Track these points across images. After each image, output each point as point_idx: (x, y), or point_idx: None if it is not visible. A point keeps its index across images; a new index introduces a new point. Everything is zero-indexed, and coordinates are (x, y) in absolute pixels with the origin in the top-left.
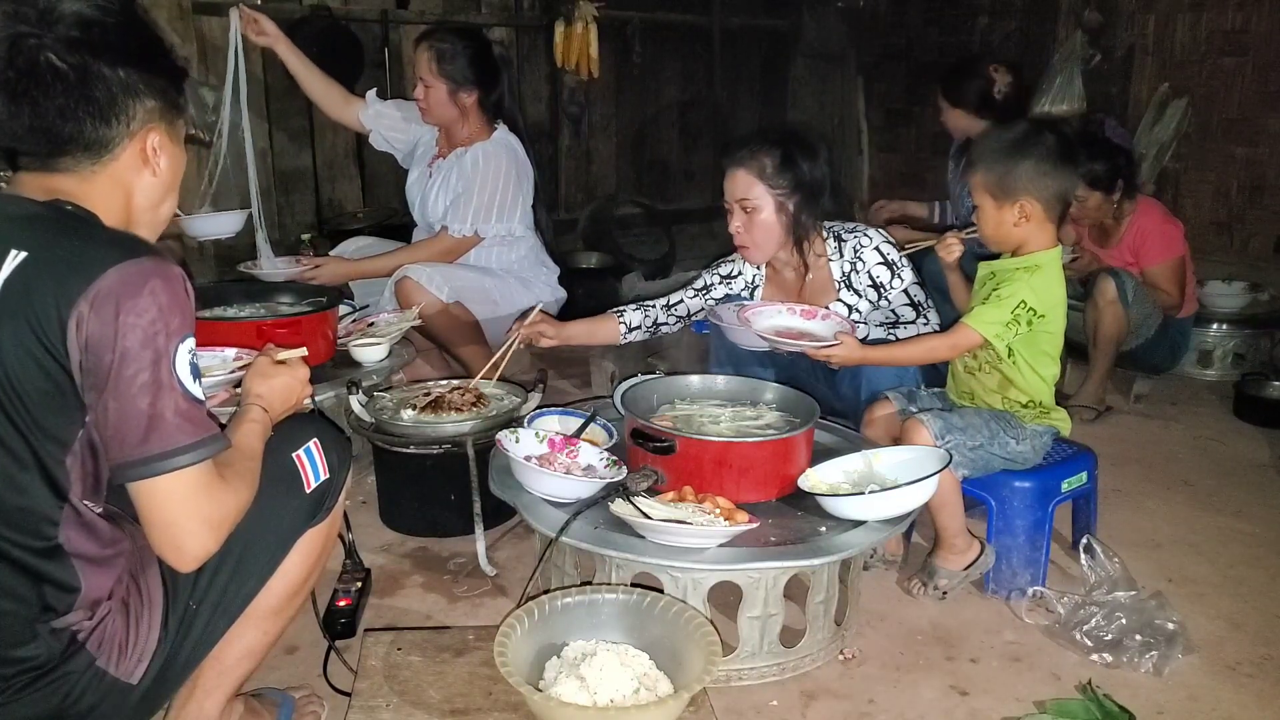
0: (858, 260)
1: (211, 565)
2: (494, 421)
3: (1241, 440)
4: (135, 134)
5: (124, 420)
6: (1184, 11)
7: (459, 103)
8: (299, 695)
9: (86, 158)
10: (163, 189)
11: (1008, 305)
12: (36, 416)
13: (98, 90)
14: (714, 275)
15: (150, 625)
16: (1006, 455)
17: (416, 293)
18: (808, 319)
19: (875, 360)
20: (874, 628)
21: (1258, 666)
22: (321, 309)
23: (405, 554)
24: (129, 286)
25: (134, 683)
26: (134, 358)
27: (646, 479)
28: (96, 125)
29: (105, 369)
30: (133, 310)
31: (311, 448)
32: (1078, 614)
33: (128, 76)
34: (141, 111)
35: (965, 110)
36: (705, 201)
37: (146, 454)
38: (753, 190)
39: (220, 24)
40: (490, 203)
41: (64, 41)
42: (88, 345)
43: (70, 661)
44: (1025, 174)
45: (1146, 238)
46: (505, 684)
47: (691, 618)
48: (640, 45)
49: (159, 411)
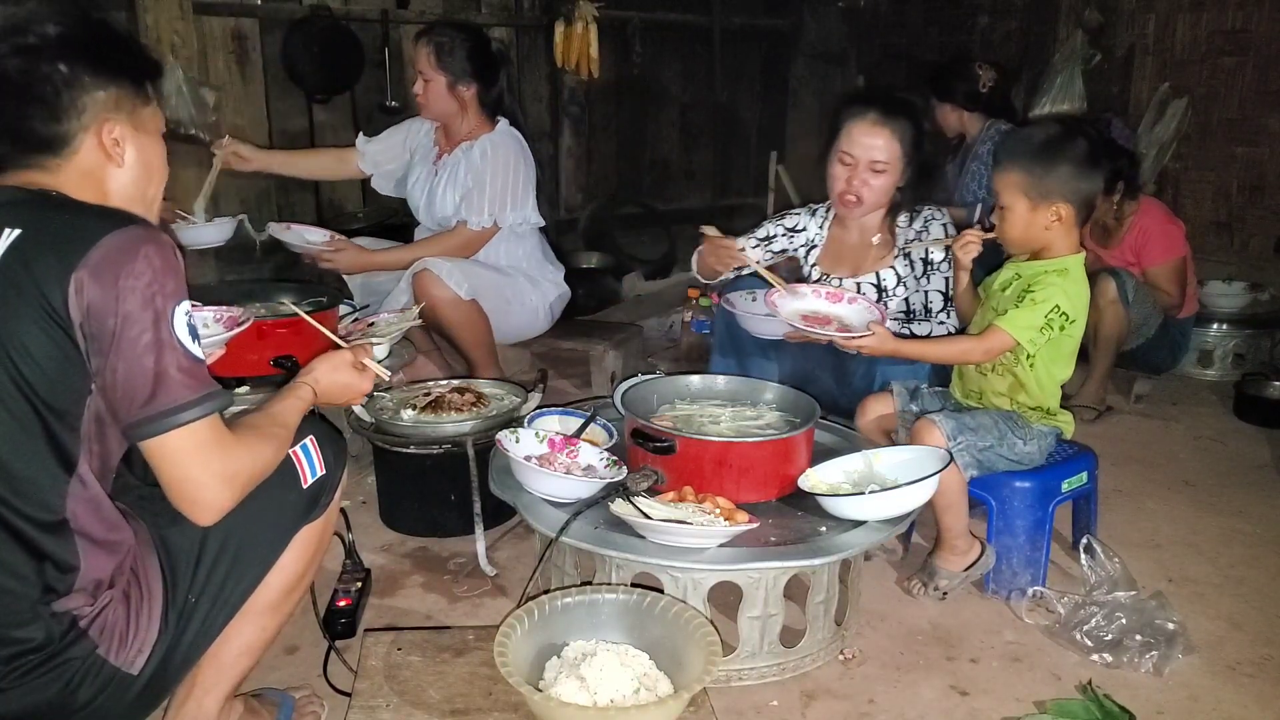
0: (924, 232)
1: (210, 559)
2: (494, 421)
3: (1241, 440)
4: (89, 127)
5: (131, 379)
6: (1184, 11)
7: (458, 96)
8: (299, 695)
9: (49, 153)
10: (135, 178)
11: (1041, 309)
12: (43, 384)
13: (43, 89)
14: (778, 226)
15: (150, 617)
16: (1014, 456)
17: (435, 286)
18: (834, 302)
19: (906, 353)
20: (874, 628)
21: (1258, 666)
22: (321, 309)
23: (405, 554)
24: (124, 253)
25: (134, 673)
26: (136, 319)
27: (646, 479)
28: (46, 122)
29: (109, 333)
30: (130, 274)
31: (308, 444)
32: (1078, 614)
33: (71, 72)
34: (91, 105)
35: (954, 105)
36: (706, 201)
37: (155, 410)
38: (891, 153)
39: (220, 24)
40: (505, 192)
41: (10, 48)
42: (89, 311)
43: (71, 648)
44: (1063, 177)
45: (1149, 238)
46: (505, 684)
47: (691, 618)
48: (640, 45)
49: (163, 369)
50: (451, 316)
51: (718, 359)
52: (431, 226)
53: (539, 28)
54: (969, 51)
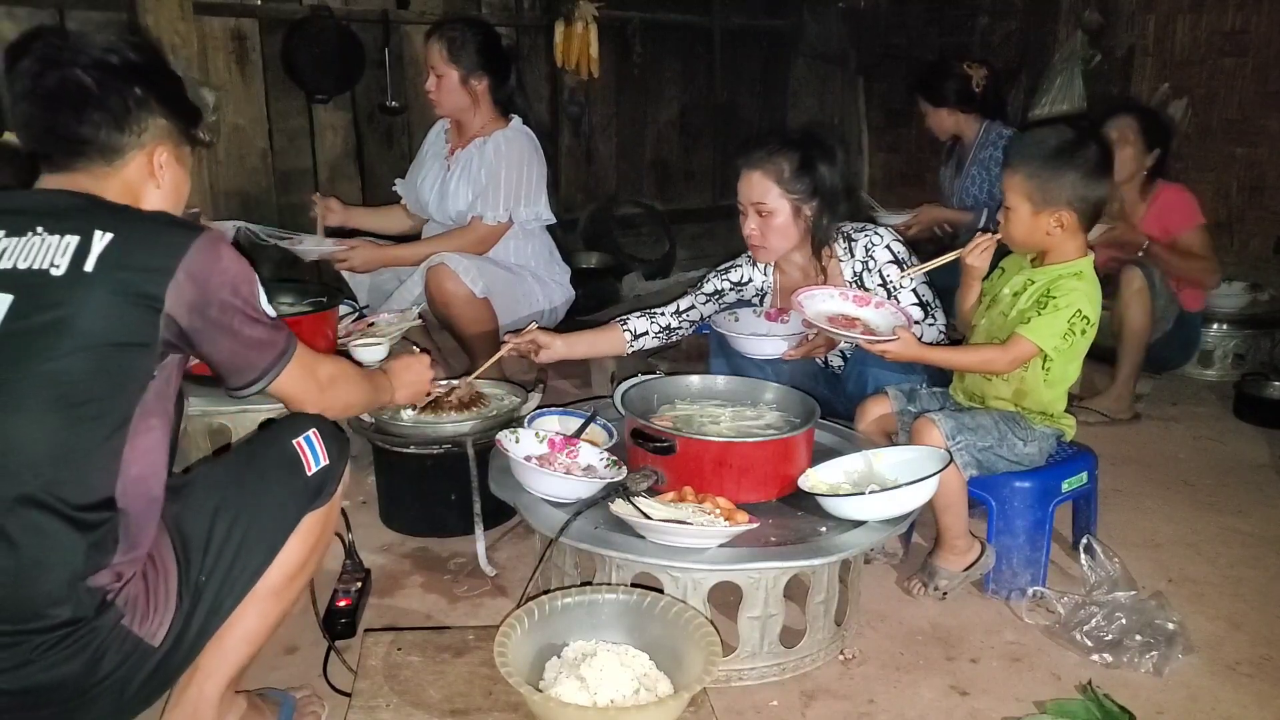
0: (869, 259)
1: (219, 540)
2: (494, 421)
3: (1241, 440)
4: (145, 146)
5: (241, 352)
6: (1184, 12)
7: (470, 90)
8: (299, 695)
9: (101, 160)
10: (165, 202)
11: (1064, 315)
12: (113, 373)
13: (113, 100)
14: (723, 280)
15: (168, 593)
16: (1014, 457)
17: (450, 281)
18: (861, 305)
19: (932, 361)
20: (874, 628)
21: (1258, 666)
22: (321, 309)
23: (405, 554)
24: (210, 256)
25: (155, 645)
26: (233, 306)
27: (646, 479)
28: (110, 131)
29: (215, 321)
30: (219, 272)
31: (311, 436)
32: (1078, 614)
33: (143, 93)
34: (153, 126)
35: (949, 108)
36: (705, 201)
37: (265, 368)
38: (769, 194)
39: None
40: (519, 187)
41: (90, 61)
42: (190, 306)
43: (101, 617)
44: (1068, 184)
45: (1172, 208)
46: (505, 684)
47: (691, 618)
48: (640, 45)
49: (261, 338)
50: (464, 313)
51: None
52: (444, 222)
53: (539, 28)
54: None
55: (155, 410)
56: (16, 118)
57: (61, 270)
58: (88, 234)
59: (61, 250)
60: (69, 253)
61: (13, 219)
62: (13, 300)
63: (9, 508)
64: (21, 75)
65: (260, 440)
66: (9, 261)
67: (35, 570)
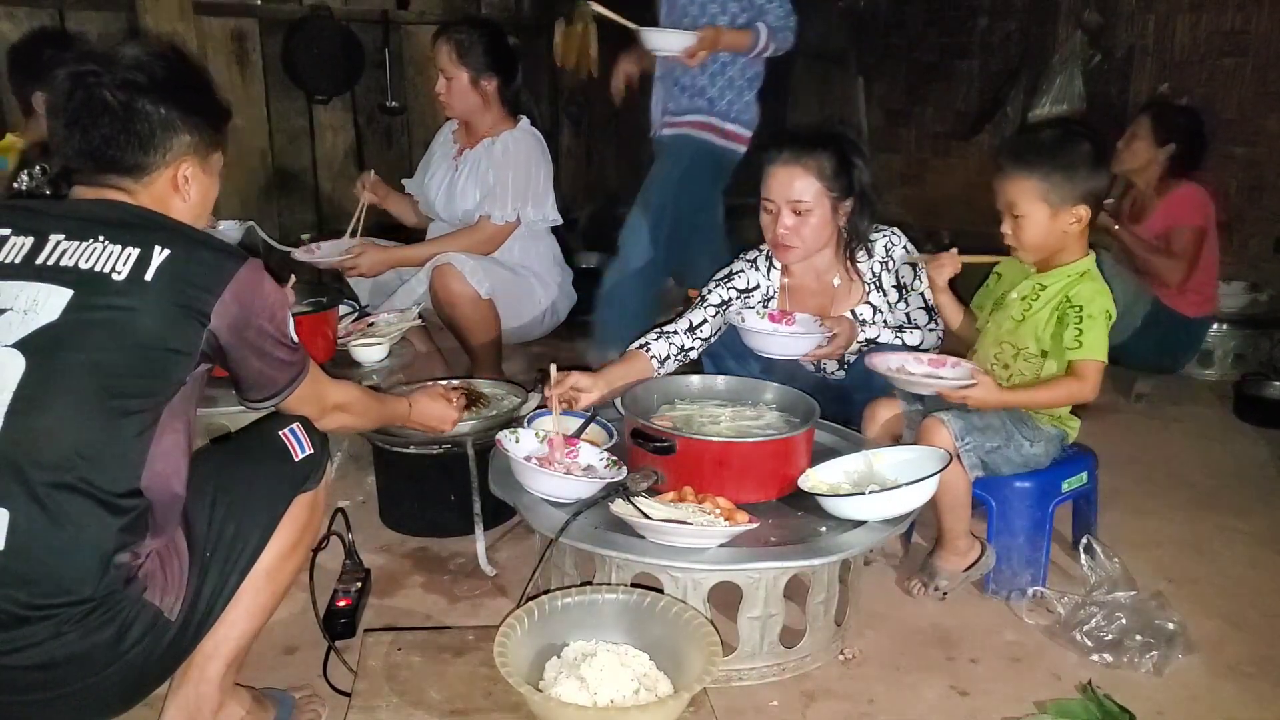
0: (889, 259)
1: (219, 519)
2: (494, 421)
3: (1241, 440)
4: (170, 164)
5: (266, 371)
6: (1184, 12)
7: (480, 91)
8: (299, 695)
9: (128, 177)
10: (191, 213)
11: (1101, 321)
12: (157, 370)
13: (140, 124)
14: (729, 290)
15: (181, 568)
16: (1021, 458)
17: (455, 281)
18: (936, 368)
19: (1014, 403)
20: (874, 628)
21: (1258, 666)
22: (321, 309)
23: (405, 554)
24: (252, 283)
25: (172, 618)
26: (267, 331)
27: (646, 479)
28: (136, 153)
29: (250, 342)
30: (261, 298)
31: (295, 428)
32: (1078, 614)
33: (168, 114)
34: (178, 145)
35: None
36: None
37: (284, 385)
38: (810, 191)
39: (220, 24)
40: (527, 187)
41: (118, 80)
42: (231, 325)
43: (129, 587)
44: (1081, 180)
45: (1179, 205)
46: (505, 684)
47: (691, 618)
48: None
49: (285, 359)
50: (468, 314)
51: (706, 361)
52: (451, 222)
53: (539, 28)
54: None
55: (180, 413)
56: (49, 131)
57: (123, 275)
58: (148, 247)
59: (124, 259)
60: (130, 262)
61: (74, 224)
62: (74, 294)
63: (50, 489)
64: (54, 90)
65: (250, 433)
66: (71, 260)
67: (74, 549)
